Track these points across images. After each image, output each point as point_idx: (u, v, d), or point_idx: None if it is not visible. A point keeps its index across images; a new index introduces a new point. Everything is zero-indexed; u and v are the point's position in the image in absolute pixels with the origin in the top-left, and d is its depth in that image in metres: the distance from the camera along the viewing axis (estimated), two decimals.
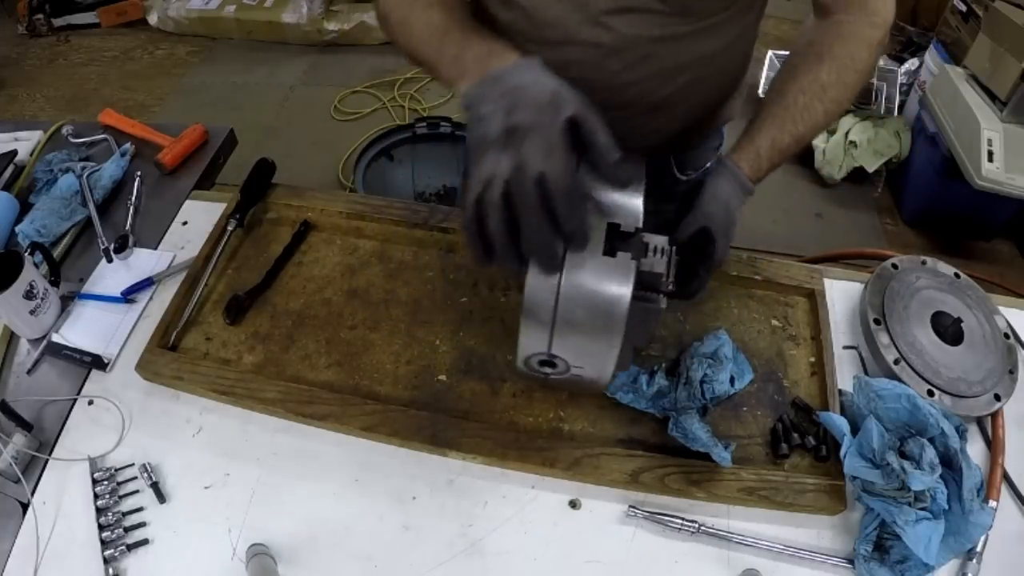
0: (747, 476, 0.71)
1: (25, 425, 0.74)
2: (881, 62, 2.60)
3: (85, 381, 0.81)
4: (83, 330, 0.85)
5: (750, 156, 0.73)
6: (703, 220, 0.71)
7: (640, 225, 0.59)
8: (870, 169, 2.43)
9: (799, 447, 0.74)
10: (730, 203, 0.72)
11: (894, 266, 0.88)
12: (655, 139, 0.85)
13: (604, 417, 0.76)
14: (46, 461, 0.74)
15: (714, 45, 0.77)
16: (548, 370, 0.65)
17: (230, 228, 0.91)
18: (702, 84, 0.80)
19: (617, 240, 0.58)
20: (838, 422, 0.71)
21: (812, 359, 0.82)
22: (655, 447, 0.74)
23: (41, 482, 0.73)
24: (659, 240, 0.64)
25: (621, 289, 0.57)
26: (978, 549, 0.68)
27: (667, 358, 0.80)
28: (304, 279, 0.89)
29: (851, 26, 0.74)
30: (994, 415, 0.78)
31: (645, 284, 0.63)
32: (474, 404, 0.77)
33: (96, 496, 0.70)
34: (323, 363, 0.81)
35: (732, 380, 0.76)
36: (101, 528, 0.68)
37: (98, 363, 0.82)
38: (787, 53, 0.80)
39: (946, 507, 0.66)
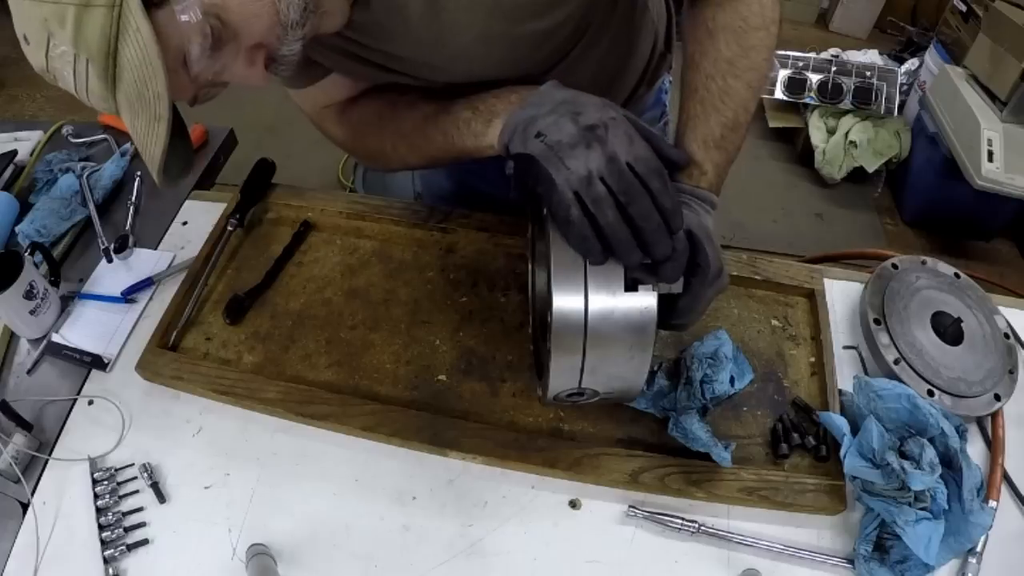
0: (747, 476, 0.71)
1: (25, 425, 0.74)
2: (881, 62, 2.58)
3: (85, 381, 0.81)
4: (83, 330, 0.85)
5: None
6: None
7: None
8: (870, 169, 2.43)
9: (799, 447, 0.74)
10: (690, 206, 0.64)
11: (894, 266, 0.88)
12: None
13: (604, 417, 0.76)
14: (46, 461, 0.74)
15: (588, 65, 0.75)
16: (577, 398, 0.66)
17: (230, 228, 0.91)
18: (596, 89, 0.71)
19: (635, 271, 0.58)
20: (838, 422, 0.71)
21: (812, 359, 0.82)
22: (655, 447, 0.74)
23: (41, 482, 0.73)
24: None
25: (646, 322, 0.58)
26: (978, 549, 0.68)
27: (667, 358, 0.80)
28: (304, 279, 0.89)
29: None
30: (994, 415, 0.78)
31: (662, 307, 0.63)
32: (474, 404, 0.77)
33: (96, 496, 0.71)
34: (323, 363, 0.81)
35: (732, 380, 0.76)
36: (101, 528, 0.68)
37: (98, 363, 0.82)
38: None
39: (946, 507, 0.65)
